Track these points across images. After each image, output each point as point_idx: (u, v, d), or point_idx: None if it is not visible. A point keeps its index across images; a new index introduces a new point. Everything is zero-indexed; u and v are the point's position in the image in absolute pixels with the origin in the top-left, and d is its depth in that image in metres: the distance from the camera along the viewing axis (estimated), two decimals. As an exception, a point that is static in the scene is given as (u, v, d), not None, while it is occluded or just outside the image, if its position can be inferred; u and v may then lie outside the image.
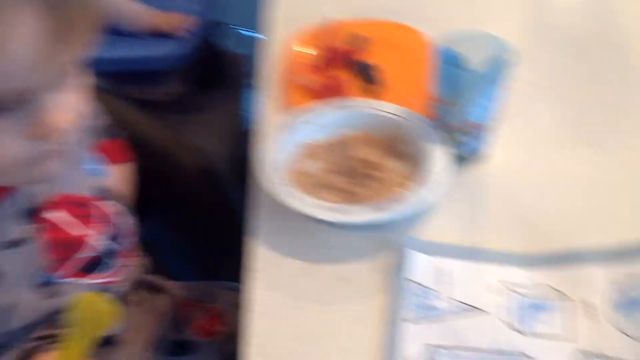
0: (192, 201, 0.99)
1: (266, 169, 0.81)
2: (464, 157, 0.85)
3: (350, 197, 0.81)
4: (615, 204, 0.81)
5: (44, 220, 0.69)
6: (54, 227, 0.70)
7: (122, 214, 0.79)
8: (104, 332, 0.68)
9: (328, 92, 0.93)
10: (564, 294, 0.72)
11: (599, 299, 0.71)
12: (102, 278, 0.76)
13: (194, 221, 1.02)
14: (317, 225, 0.79)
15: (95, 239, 0.74)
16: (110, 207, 0.77)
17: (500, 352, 0.68)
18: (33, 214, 0.68)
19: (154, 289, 0.92)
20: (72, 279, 0.72)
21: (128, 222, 0.81)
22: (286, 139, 0.85)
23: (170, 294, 0.92)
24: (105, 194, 0.77)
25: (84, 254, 0.73)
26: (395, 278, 0.74)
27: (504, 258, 0.76)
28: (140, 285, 0.88)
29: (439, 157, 0.81)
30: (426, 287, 0.73)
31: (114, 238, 0.77)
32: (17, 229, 0.66)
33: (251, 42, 1.36)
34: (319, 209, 0.77)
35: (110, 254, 0.77)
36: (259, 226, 0.80)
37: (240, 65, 1.49)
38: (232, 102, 1.40)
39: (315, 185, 0.82)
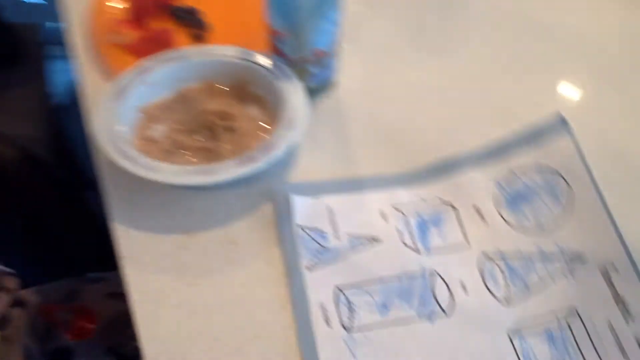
0: (20, 195, 0.86)
1: (108, 144, 0.70)
2: (317, 88, 0.80)
3: (210, 155, 0.73)
4: (475, 106, 0.80)
5: None
6: None
7: None
8: None
9: (152, 46, 0.83)
10: (452, 204, 0.71)
11: (486, 201, 0.71)
12: None
13: (30, 217, 0.90)
14: (185, 193, 0.71)
15: None
16: None
17: (409, 276, 0.65)
18: None
19: (11, 303, 0.80)
20: None
21: None
22: (120, 107, 0.74)
23: (29, 304, 0.80)
24: None
25: None
26: (284, 228, 0.68)
27: (386, 181, 0.73)
28: None
29: (292, 94, 0.75)
30: (318, 229, 0.69)
31: None
32: None
33: (35, 9, 1.21)
34: (181, 175, 0.68)
35: None
36: (120, 208, 0.70)
37: (33, 36, 1.31)
38: (34, 78, 1.23)
39: (168, 151, 0.73)
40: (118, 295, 0.88)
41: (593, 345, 0.61)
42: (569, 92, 0.83)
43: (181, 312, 0.63)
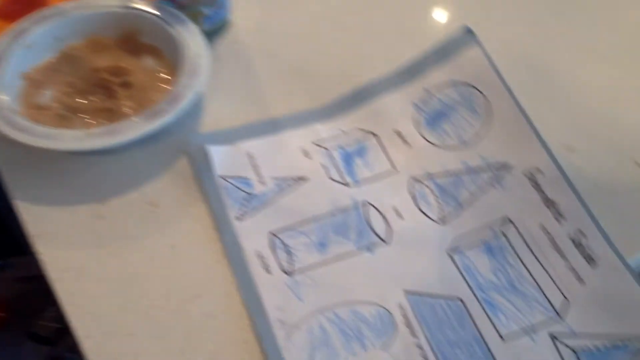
0: None
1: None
2: (212, 30, 0.75)
3: (111, 115, 0.67)
4: (380, 30, 0.79)
5: None
6: None
7: None
8: None
9: (24, 6, 0.76)
10: (373, 132, 0.69)
11: (406, 124, 0.69)
12: None
13: None
14: (92, 159, 0.65)
15: None
16: None
17: (342, 211, 0.64)
18: None
19: None
20: None
21: None
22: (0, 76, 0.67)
23: None
24: None
25: None
26: (206, 181, 0.64)
27: (302, 118, 0.70)
28: None
29: (190, 38, 0.71)
30: (241, 177, 0.65)
31: None
32: None
33: None
34: (84, 140, 0.62)
35: None
36: (21, 184, 0.64)
37: None
38: None
39: (62, 117, 0.67)
40: (27, 279, 0.82)
41: (530, 250, 0.61)
42: (472, 4, 0.82)
43: (109, 285, 0.58)
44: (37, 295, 0.81)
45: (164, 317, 0.56)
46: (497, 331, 0.57)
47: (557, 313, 0.58)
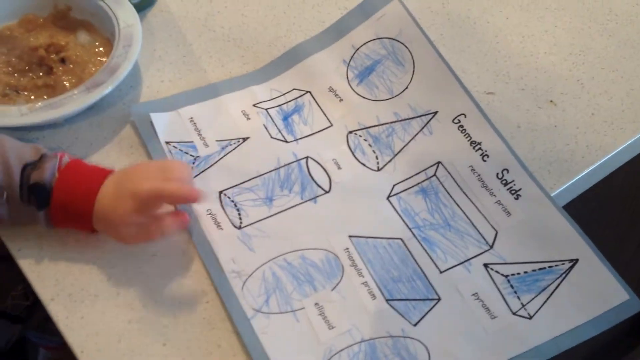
0: None
1: None
2: (140, 3, 0.77)
3: (52, 90, 0.69)
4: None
5: None
6: None
7: None
8: None
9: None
10: (307, 89, 0.73)
11: (338, 80, 0.73)
12: None
13: None
14: (37, 135, 0.67)
15: None
16: None
17: (286, 165, 0.67)
18: None
19: None
20: None
21: None
22: None
23: None
24: None
25: None
26: (153, 148, 0.67)
27: (239, 82, 0.73)
28: None
29: (119, 10, 0.72)
30: (186, 141, 0.68)
31: None
32: None
33: None
34: (29, 114, 0.64)
35: None
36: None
37: None
38: None
39: (4, 95, 0.68)
40: None
41: (461, 189, 0.67)
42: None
43: (69, 249, 0.61)
44: (8, 274, 0.82)
45: (124, 278, 0.59)
46: (436, 265, 0.62)
47: (488, 244, 0.64)
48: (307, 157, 0.68)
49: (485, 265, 0.63)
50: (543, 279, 0.62)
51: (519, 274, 0.62)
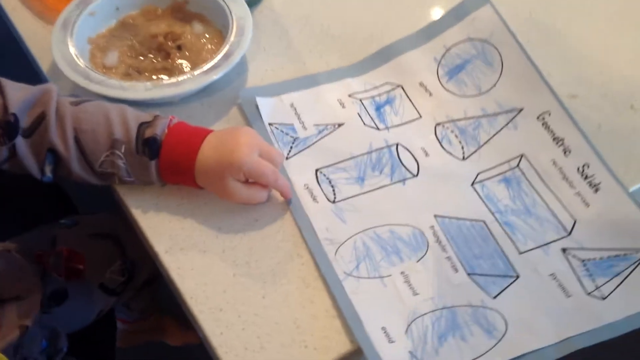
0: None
1: (73, 75, 0.72)
2: (250, 1, 0.84)
3: (170, 73, 0.76)
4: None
5: None
6: None
7: None
8: None
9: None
10: (399, 84, 0.79)
11: (429, 77, 0.79)
12: None
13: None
14: (156, 110, 0.74)
15: None
16: None
17: (378, 150, 0.73)
18: None
19: None
20: None
21: None
22: (72, 41, 0.76)
23: (15, 254, 0.81)
24: None
25: None
26: (257, 127, 0.73)
27: (337, 74, 0.79)
28: None
29: (233, 4, 0.80)
30: (286, 123, 0.74)
31: None
32: None
33: None
34: (151, 90, 0.71)
35: None
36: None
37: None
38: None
39: (128, 75, 0.76)
40: (98, 236, 0.90)
41: (542, 180, 0.71)
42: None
43: (182, 209, 0.68)
44: (109, 250, 0.91)
45: (229, 238, 0.66)
46: (515, 246, 0.67)
47: (567, 231, 0.67)
48: (397, 144, 0.74)
49: (563, 250, 0.66)
50: (618, 265, 0.65)
51: (594, 259, 0.66)
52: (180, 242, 0.65)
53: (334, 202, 0.69)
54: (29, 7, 0.85)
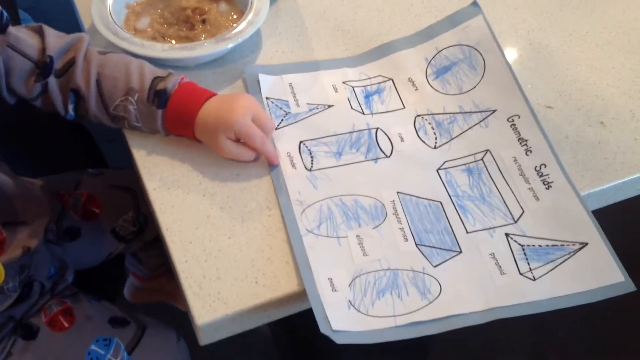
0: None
1: (106, 32, 0.83)
2: (274, -11, 0.95)
3: (190, 41, 0.87)
4: (407, 1, 0.97)
5: None
6: None
7: None
8: None
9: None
10: (390, 77, 0.87)
11: (418, 73, 0.87)
12: None
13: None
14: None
15: None
16: None
17: (359, 131, 0.81)
18: None
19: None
20: None
21: None
22: (109, 2, 0.87)
23: (40, 188, 0.93)
24: None
25: None
26: (255, 99, 0.83)
27: (336, 63, 0.88)
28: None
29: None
30: (282, 99, 0.84)
31: None
32: None
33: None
34: (169, 51, 0.82)
35: None
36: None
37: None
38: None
39: (154, 38, 0.87)
40: (119, 187, 1.01)
41: (501, 173, 0.77)
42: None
43: (177, 156, 0.78)
44: (125, 201, 1.02)
45: (211, 185, 0.75)
46: (464, 226, 0.74)
47: (514, 219, 0.74)
48: (377, 128, 0.82)
49: (507, 235, 0.73)
50: (553, 254, 0.71)
51: (533, 246, 0.72)
52: (168, 183, 0.75)
53: (310, 170, 0.77)
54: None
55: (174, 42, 0.87)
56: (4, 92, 0.77)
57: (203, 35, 0.87)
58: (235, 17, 0.90)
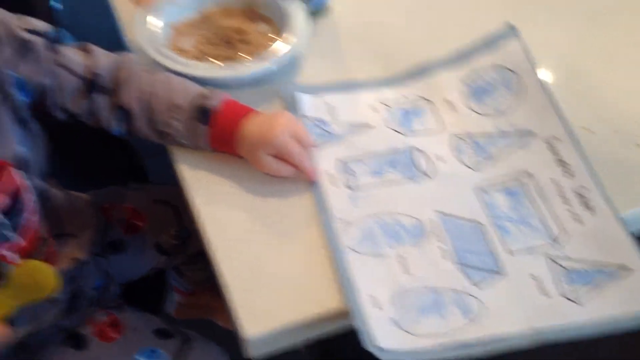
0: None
1: (152, 51, 0.86)
2: (315, 11, 0.96)
3: (231, 61, 0.89)
4: (443, 24, 0.99)
5: None
6: None
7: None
8: (44, 296, 0.75)
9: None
10: (429, 99, 0.88)
11: (455, 95, 0.88)
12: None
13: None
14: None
15: None
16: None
17: (395, 151, 0.83)
18: None
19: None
20: None
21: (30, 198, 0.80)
22: (154, 22, 0.90)
23: (86, 202, 0.95)
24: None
25: None
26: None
27: (375, 83, 0.90)
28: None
29: (295, 12, 0.92)
30: (321, 119, 0.85)
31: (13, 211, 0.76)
32: None
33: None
34: (210, 71, 0.85)
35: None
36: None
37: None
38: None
39: (197, 57, 0.89)
40: (162, 202, 1.03)
41: (541, 195, 0.78)
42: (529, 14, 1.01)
43: (222, 171, 0.80)
44: (168, 216, 1.04)
45: (254, 201, 0.78)
46: (504, 247, 0.74)
47: (554, 240, 0.75)
48: (416, 148, 0.83)
49: (547, 256, 0.74)
50: (596, 277, 0.72)
51: (577, 269, 0.73)
52: (212, 197, 0.77)
53: (350, 188, 0.79)
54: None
55: (216, 61, 0.89)
56: (55, 110, 0.79)
57: (244, 55, 0.90)
58: (274, 37, 0.92)
